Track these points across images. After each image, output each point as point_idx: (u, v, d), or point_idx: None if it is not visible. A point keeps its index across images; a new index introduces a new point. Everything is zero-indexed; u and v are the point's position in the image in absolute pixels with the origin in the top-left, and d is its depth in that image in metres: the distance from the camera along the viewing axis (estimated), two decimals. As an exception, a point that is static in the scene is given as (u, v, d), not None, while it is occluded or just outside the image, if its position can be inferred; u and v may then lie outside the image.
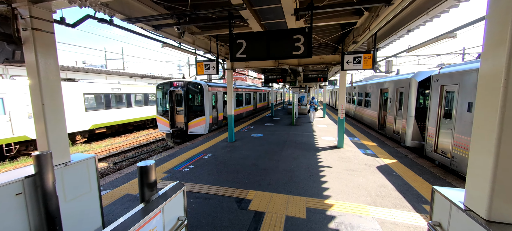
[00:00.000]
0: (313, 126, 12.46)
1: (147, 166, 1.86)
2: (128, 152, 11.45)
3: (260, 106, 24.08)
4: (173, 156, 6.75)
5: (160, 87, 11.12)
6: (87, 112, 12.46)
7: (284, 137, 9.51)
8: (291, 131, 10.96)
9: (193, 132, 10.73)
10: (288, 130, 11.27)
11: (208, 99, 10.67)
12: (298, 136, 9.59)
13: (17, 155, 10.00)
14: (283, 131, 10.85)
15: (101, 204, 3.07)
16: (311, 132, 10.68)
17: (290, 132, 10.57)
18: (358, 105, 14.93)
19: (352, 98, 16.80)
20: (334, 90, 28.40)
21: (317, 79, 12.66)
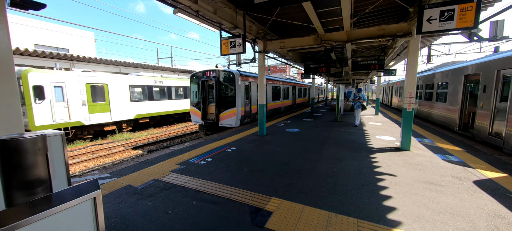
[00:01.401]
0: (363, 122, 10.28)
1: (17, 139, 0.90)
2: (164, 142, 11.63)
3: (300, 102, 22.28)
4: (195, 147, 6.06)
5: (193, 78, 10.85)
6: (132, 102, 13.27)
7: (326, 133, 7.87)
8: (335, 127, 9.17)
9: (224, 124, 10.07)
10: (331, 126, 9.49)
11: (240, 90, 9.83)
12: (343, 133, 7.81)
13: (74, 138, 11.20)
14: (325, 127, 9.15)
15: (72, 197, 2.36)
16: (361, 129, 8.67)
17: (334, 128, 8.81)
18: (424, 99, 11.83)
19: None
20: (389, 85, 24.26)
21: (370, 66, 10.38)
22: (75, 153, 9.46)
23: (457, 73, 8.49)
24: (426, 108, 11.58)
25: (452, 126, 8.65)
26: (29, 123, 9.15)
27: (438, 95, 10.39)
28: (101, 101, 11.66)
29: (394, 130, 8.62)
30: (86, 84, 10.91)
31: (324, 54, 11.14)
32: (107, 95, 11.89)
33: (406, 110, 5.56)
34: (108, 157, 9.09)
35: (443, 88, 9.84)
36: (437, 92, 10.39)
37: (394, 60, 12.01)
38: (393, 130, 8.61)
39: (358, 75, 23.77)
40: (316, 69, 11.42)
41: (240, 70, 10.38)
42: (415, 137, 7.16)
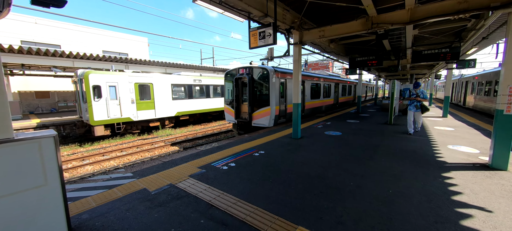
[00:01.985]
0: (426, 126, 8.26)
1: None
2: (199, 139, 11.88)
3: (343, 101, 20.15)
4: (221, 148, 5.68)
5: (228, 76, 10.67)
6: (174, 101, 14.06)
7: (376, 139, 6.49)
8: (388, 131, 7.58)
9: (257, 123, 9.56)
10: (383, 130, 7.90)
11: (274, 88, 9.14)
12: (400, 140, 6.30)
13: (125, 132, 12.45)
14: (374, 131, 7.66)
15: (66, 203, 2.14)
16: (425, 136, 6.90)
17: (386, 133, 7.27)
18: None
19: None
20: (461, 80, 19.73)
21: (439, 56, 8.24)
22: (124, 146, 10.42)
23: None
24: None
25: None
26: (90, 118, 10.49)
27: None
28: (147, 99, 12.65)
29: (475, 138, 6.56)
30: (134, 83, 11.96)
31: (375, 44, 9.47)
32: (152, 94, 12.83)
33: (502, 113, 3.92)
34: (149, 152, 9.67)
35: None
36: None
37: (475, 47, 9.34)
38: (473, 138, 6.56)
39: (419, 70, 20.07)
40: (363, 63, 9.82)
41: (276, 67, 9.67)
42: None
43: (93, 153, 9.35)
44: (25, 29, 18.39)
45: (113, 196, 3.17)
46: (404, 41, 8.98)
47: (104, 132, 11.12)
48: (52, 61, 12.82)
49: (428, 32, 7.83)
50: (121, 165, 8.04)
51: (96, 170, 7.54)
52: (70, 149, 10.33)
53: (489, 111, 13.61)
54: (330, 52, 9.53)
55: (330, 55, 10.14)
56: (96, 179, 3.86)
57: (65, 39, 20.60)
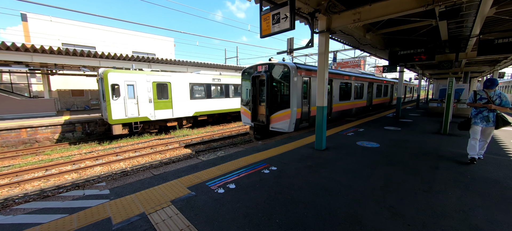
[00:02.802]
0: (499, 141, 6.21)
1: None
2: (215, 141, 11.18)
3: (378, 103, 17.76)
4: (225, 160, 4.72)
5: (245, 74, 9.73)
6: (192, 100, 13.66)
7: (430, 157, 4.87)
8: (444, 145, 5.80)
9: (275, 128, 8.43)
10: (437, 142, 6.12)
11: (295, 87, 7.90)
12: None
13: (143, 131, 12.38)
14: (425, 144, 5.95)
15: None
16: (503, 155, 5.03)
17: (443, 148, 5.53)
18: None
19: None
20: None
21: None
22: (140, 146, 10.21)
23: None
24: None
25: None
26: (108, 117, 10.51)
27: None
28: (164, 98, 12.40)
29: None
30: (152, 82, 11.77)
31: (426, 33, 7.61)
32: (170, 93, 12.55)
33: None
34: (161, 154, 9.23)
35: None
36: None
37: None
38: None
39: (477, 66, 16.65)
40: (408, 57, 8.00)
41: (298, 64, 8.40)
42: None
43: (108, 152, 9.24)
44: (65, 31, 19.98)
45: (66, 227, 2.40)
46: (468, 28, 7.00)
47: (122, 131, 11.09)
48: (81, 61, 13.39)
49: (509, 11, 5.82)
50: (118, 170, 7.64)
51: (90, 176, 7.16)
52: (89, 147, 10.47)
53: None
54: (365, 45, 7.93)
55: (365, 48, 8.50)
56: (66, 196, 3.19)
57: (99, 41, 21.97)
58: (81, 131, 12.16)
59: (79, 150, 9.91)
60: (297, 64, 8.17)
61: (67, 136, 11.81)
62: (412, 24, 6.43)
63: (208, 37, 13.29)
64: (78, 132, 12.18)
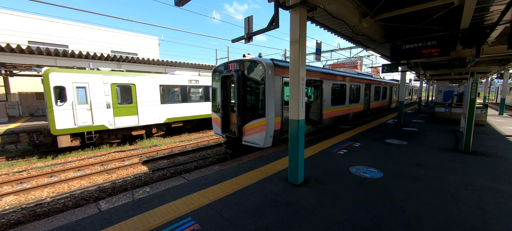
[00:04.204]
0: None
1: None
2: (185, 155, 9.36)
3: (376, 107, 16.12)
4: (142, 207, 2.92)
5: (215, 73, 7.97)
6: (163, 105, 11.82)
7: (466, 197, 3.13)
8: (475, 172, 4.07)
9: (249, 142, 6.66)
10: (461, 167, 4.39)
11: (272, 89, 6.16)
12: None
13: (101, 142, 10.50)
14: (447, 170, 4.21)
15: None
16: None
17: (477, 178, 3.79)
18: None
19: None
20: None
21: None
22: (91, 161, 8.32)
23: None
24: None
25: None
26: (51, 126, 8.63)
27: None
28: (128, 103, 10.56)
29: None
30: (111, 84, 9.92)
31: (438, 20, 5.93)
32: (135, 96, 10.71)
33: None
34: (108, 173, 7.37)
35: None
36: None
37: None
38: None
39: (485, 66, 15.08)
40: (415, 52, 6.36)
41: (276, 60, 6.65)
42: None
43: (43, 171, 7.36)
44: (33, 28, 18.03)
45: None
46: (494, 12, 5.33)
47: (71, 142, 9.21)
48: (44, 60, 11.54)
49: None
50: (32, 202, 5.78)
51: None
52: (26, 163, 8.55)
53: None
54: (361, 36, 6.22)
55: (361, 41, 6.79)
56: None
57: (73, 38, 20.03)
58: (27, 142, 10.23)
59: (10, 167, 8.00)
60: (275, 61, 6.40)
61: (8, 148, 9.88)
62: (423, 4, 4.71)
63: (195, 33, 11.56)
64: (24, 143, 10.25)
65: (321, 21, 5.52)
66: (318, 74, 8.27)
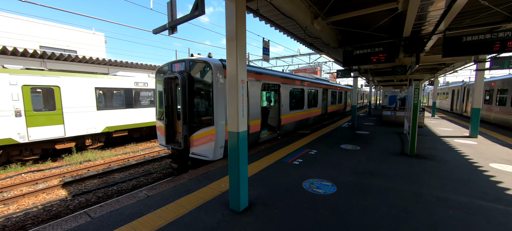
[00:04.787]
0: (457, 154, 4.85)
1: None
2: (123, 171, 7.86)
3: (334, 110, 16.87)
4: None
5: (159, 74, 6.87)
6: (100, 111, 9.97)
7: (418, 209, 2.88)
8: (421, 177, 4.02)
9: (196, 154, 5.77)
10: (409, 172, 4.34)
11: (222, 93, 5.44)
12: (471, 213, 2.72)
13: (10, 160, 8.18)
14: (397, 179, 4.08)
15: None
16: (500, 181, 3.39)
17: (425, 188, 3.69)
18: None
19: None
20: (464, 87, 17.06)
21: (491, 46, 4.92)
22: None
23: None
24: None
25: None
26: None
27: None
28: (49, 110, 8.50)
29: None
30: (22, 86, 7.82)
31: (384, 28, 6.07)
32: (59, 101, 8.70)
33: None
34: (5, 205, 5.54)
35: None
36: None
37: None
38: None
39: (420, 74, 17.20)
40: (365, 57, 6.42)
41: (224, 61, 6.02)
42: None
43: None
44: None
45: None
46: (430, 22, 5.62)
47: (-45, 163, 6.85)
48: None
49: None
50: None
51: None
52: None
53: (509, 125, 10.68)
54: (314, 39, 6.01)
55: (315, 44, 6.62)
56: None
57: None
58: None
59: None
60: (225, 61, 5.71)
61: None
62: (370, 8, 4.64)
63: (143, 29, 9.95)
64: None
65: (269, 17, 5.05)
66: (275, 78, 7.89)
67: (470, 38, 5.14)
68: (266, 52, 4.20)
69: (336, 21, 5.75)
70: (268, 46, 4.15)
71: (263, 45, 4.07)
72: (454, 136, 8.31)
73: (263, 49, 4.10)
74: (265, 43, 4.08)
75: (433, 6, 4.49)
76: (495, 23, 5.24)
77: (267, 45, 4.10)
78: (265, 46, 4.10)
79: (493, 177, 4.13)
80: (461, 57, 8.05)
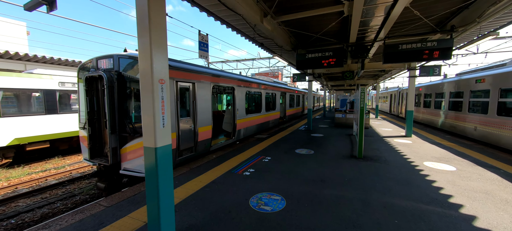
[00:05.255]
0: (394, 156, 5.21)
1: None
2: (36, 195, 6.13)
3: (292, 113, 17.25)
4: None
5: (82, 71, 5.55)
6: (6, 118, 7.75)
7: (367, 221, 2.66)
8: (368, 182, 3.99)
9: (130, 169, 4.77)
10: (358, 178, 4.31)
11: (160, 97, 4.59)
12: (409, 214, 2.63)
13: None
14: (346, 186, 3.96)
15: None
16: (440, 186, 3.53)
17: (373, 193, 3.62)
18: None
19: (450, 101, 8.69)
20: (400, 91, 19.63)
21: (422, 54, 5.40)
22: None
23: None
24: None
25: None
26: None
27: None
28: None
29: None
30: None
31: (334, 33, 6.15)
32: None
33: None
34: None
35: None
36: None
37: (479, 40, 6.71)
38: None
39: (365, 79, 19.08)
40: (317, 61, 6.42)
41: (170, 60, 5.15)
42: None
43: None
44: None
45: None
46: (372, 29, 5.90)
47: None
48: None
49: (424, 4, 4.74)
50: None
51: None
52: None
53: (433, 124, 12.52)
54: (266, 39, 5.70)
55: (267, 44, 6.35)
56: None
57: None
58: None
59: None
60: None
61: None
62: (318, 9, 4.52)
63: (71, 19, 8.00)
64: None
65: (209, 9, 4.46)
66: (229, 80, 7.34)
67: (405, 47, 5.55)
68: (204, 48, 3.59)
69: (287, 22, 5.55)
70: (207, 41, 3.55)
71: (199, 39, 3.46)
72: (393, 135, 9.15)
73: (200, 44, 3.48)
74: (202, 37, 3.47)
75: (375, 13, 4.62)
76: (424, 33, 5.79)
77: (205, 39, 3.50)
78: (203, 41, 3.49)
79: (428, 176, 4.40)
80: (398, 64, 8.90)
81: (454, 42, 5.24)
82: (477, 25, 4.60)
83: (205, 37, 3.52)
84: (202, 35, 3.48)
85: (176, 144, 5.10)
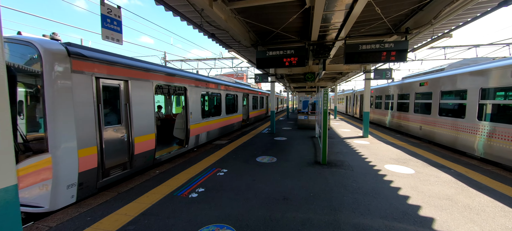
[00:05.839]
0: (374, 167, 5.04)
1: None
2: None
3: (256, 115, 16.73)
4: None
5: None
6: None
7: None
8: (336, 196, 3.51)
9: (27, 204, 3.31)
10: (324, 190, 3.80)
11: (66, 98, 3.31)
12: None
13: None
14: (310, 202, 3.38)
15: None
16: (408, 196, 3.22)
17: (339, 213, 3.10)
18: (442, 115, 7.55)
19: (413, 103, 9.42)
20: (354, 94, 21.09)
21: (380, 55, 5.33)
22: None
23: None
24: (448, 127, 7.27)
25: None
26: None
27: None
28: None
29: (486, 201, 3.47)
30: None
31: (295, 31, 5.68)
32: None
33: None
34: None
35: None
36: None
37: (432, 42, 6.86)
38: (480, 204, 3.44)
39: (324, 82, 19.83)
40: (278, 60, 5.87)
41: (77, 46, 3.82)
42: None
43: None
44: None
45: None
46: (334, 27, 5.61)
47: None
48: None
49: (382, 2, 4.53)
50: None
51: None
52: None
53: (383, 124, 13.55)
54: (219, 30, 4.86)
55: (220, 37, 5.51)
56: None
57: None
58: None
59: None
60: (73, 46, 3.57)
61: None
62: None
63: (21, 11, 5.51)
64: None
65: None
66: (179, 79, 6.23)
67: (365, 47, 5.40)
68: (113, 25, 2.52)
69: (243, 12, 4.82)
70: (119, 18, 2.50)
71: (102, 11, 2.38)
72: (352, 136, 9.31)
73: (103, 19, 2.40)
74: (110, 10, 2.40)
75: (337, 5, 4.22)
76: (382, 35, 5.77)
77: (115, 14, 2.44)
78: (109, 15, 2.42)
79: (392, 182, 4.18)
80: (357, 66, 9.06)
81: (409, 44, 5.29)
82: (431, 27, 4.66)
83: (116, 10, 2.46)
84: (108, 7, 2.39)
85: (97, 161, 3.82)
